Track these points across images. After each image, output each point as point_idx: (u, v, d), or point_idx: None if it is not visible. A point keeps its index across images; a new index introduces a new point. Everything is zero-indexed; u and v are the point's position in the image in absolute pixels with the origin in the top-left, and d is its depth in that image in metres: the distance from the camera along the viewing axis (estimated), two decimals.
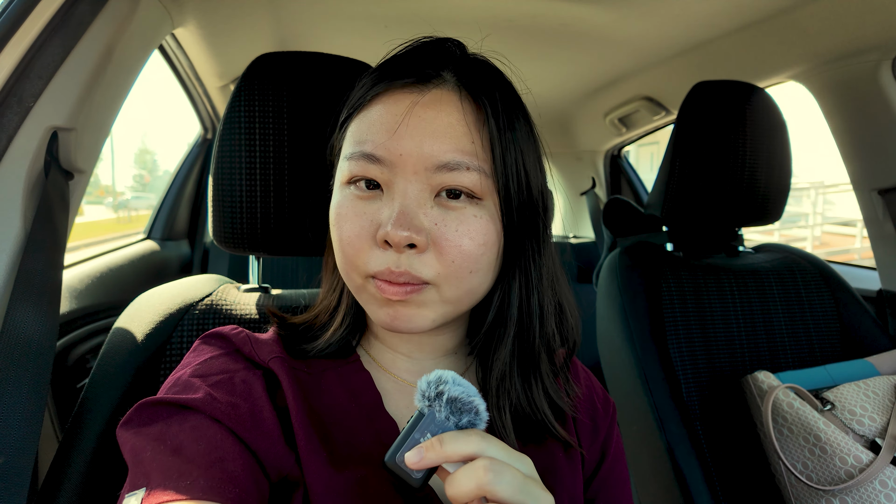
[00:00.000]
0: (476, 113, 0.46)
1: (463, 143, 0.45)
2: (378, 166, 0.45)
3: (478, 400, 0.40)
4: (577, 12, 1.19)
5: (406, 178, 0.45)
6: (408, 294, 0.45)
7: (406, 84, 0.47)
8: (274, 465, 0.44)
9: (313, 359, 0.53)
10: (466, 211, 0.46)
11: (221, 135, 0.67)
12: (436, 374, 0.40)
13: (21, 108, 0.62)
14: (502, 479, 0.35)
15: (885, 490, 0.78)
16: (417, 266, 0.44)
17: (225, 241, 0.69)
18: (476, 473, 0.35)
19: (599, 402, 0.61)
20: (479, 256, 0.46)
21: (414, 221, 0.44)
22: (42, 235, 0.61)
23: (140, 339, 0.64)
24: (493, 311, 0.51)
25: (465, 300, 0.48)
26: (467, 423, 0.39)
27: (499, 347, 0.51)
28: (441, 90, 0.47)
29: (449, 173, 0.45)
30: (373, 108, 0.47)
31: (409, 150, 0.44)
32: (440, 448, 0.36)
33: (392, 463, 0.38)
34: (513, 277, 0.50)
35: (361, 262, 0.46)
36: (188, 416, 0.43)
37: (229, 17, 1.23)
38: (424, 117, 0.45)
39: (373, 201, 0.46)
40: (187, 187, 1.90)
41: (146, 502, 0.36)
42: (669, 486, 0.94)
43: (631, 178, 2.43)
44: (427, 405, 0.39)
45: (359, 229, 0.46)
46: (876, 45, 1.10)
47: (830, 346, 1.10)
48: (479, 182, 0.45)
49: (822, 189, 9.39)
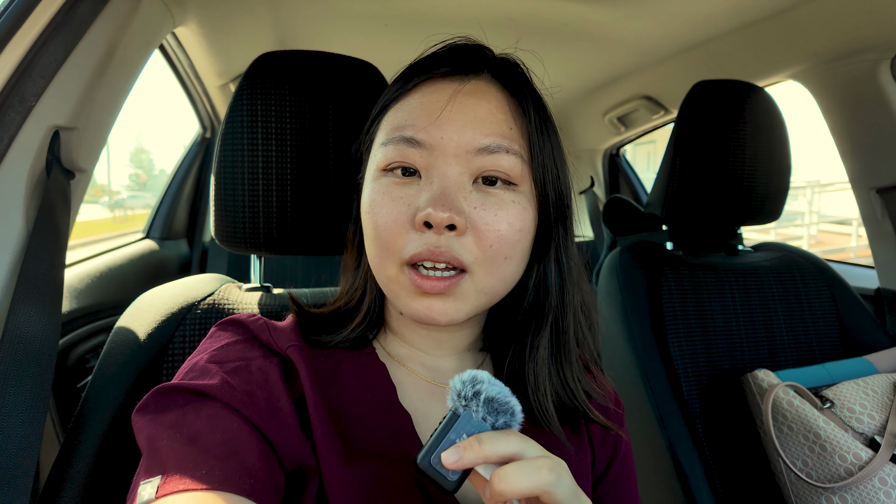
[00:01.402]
0: (513, 105, 0.49)
1: (502, 129, 0.47)
2: (418, 150, 0.46)
3: (514, 401, 0.39)
4: (577, 11, 1.19)
5: (446, 160, 0.46)
6: (446, 287, 0.45)
7: (447, 73, 0.49)
8: (289, 455, 0.44)
9: (329, 349, 0.53)
10: (505, 196, 0.47)
11: (223, 134, 0.67)
12: (470, 374, 0.39)
13: (23, 107, 0.62)
14: (562, 481, 0.35)
15: (884, 487, 0.78)
16: (457, 248, 0.45)
17: (227, 240, 0.68)
18: (539, 472, 0.35)
19: (611, 402, 0.61)
20: (515, 242, 0.47)
21: (455, 203, 0.44)
22: (44, 235, 0.61)
23: (142, 339, 0.63)
24: (529, 296, 0.52)
25: (498, 288, 0.49)
26: (503, 425, 0.38)
27: (538, 334, 0.52)
28: (480, 81, 0.49)
29: (489, 156, 0.46)
30: (412, 97, 0.49)
31: (451, 134, 0.46)
32: (479, 447, 0.36)
33: (426, 465, 0.37)
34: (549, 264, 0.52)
35: (398, 248, 0.46)
36: (205, 405, 0.42)
37: (230, 16, 1.23)
38: (466, 104, 0.47)
39: (409, 186, 0.47)
40: (186, 186, 1.90)
41: (161, 490, 0.37)
42: (670, 483, 0.94)
43: (630, 177, 2.44)
44: (463, 405, 0.38)
45: (396, 214, 0.46)
46: (875, 45, 1.10)
47: (830, 344, 1.10)
48: (517, 166, 0.47)
49: (819, 188, 9.42)
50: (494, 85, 0.49)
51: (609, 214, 1.86)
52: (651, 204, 1.15)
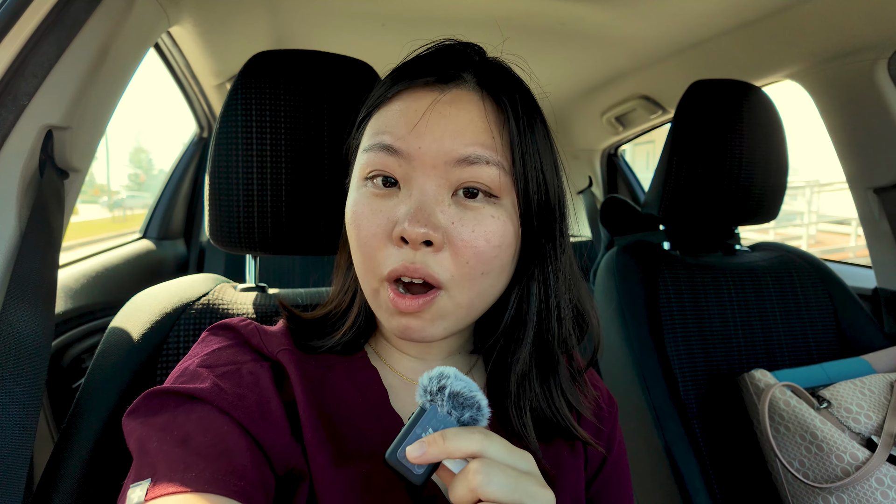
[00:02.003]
0: (496, 112, 0.47)
1: (483, 138, 0.45)
2: (396, 159, 0.45)
3: (479, 395, 0.39)
4: (575, 11, 1.19)
5: (425, 172, 0.45)
6: (421, 307, 0.45)
7: (427, 83, 0.47)
8: (280, 458, 0.44)
9: (321, 354, 0.53)
10: (484, 211, 0.45)
11: (218, 133, 0.67)
12: (437, 370, 0.39)
13: (16, 106, 0.61)
14: (492, 479, 0.34)
15: (881, 487, 0.78)
16: (432, 264, 0.44)
17: (221, 240, 0.68)
18: (467, 478, 0.35)
19: (604, 401, 0.61)
20: (492, 258, 0.46)
21: (431, 218, 0.43)
22: (37, 235, 0.61)
23: (136, 339, 0.63)
24: (510, 310, 0.51)
25: (476, 304, 0.48)
26: (469, 419, 0.39)
27: (518, 349, 0.51)
28: (461, 89, 0.47)
29: (468, 167, 0.44)
30: (393, 104, 0.48)
31: (429, 144, 0.44)
32: (443, 443, 0.36)
33: (393, 459, 0.37)
34: (531, 279, 0.50)
35: (378, 263, 0.46)
36: (195, 407, 0.42)
37: (226, 16, 1.23)
38: (445, 114, 0.45)
39: (389, 199, 0.46)
40: (183, 186, 1.89)
41: (151, 493, 0.36)
42: (667, 483, 0.94)
43: (628, 176, 2.44)
44: (429, 400, 0.39)
45: (375, 227, 0.45)
46: (872, 45, 1.10)
47: (827, 344, 1.10)
48: (497, 178, 0.45)
49: (818, 187, 9.43)
50: (477, 93, 0.47)
51: (606, 214, 1.87)
52: (648, 204, 1.15)
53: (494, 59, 0.51)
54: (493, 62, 0.51)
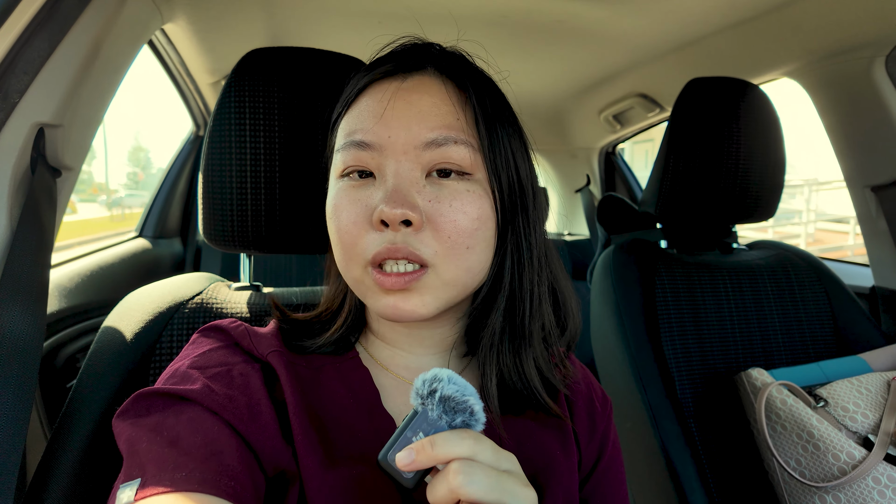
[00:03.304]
0: (459, 94, 0.48)
1: (448, 120, 0.46)
2: (368, 152, 0.46)
3: (473, 400, 0.38)
4: (572, 9, 1.19)
5: (396, 158, 0.46)
6: (407, 283, 0.45)
7: (388, 74, 0.49)
8: (270, 460, 0.44)
9: (312, 354, 0.53)
10: (459, 186, 0.46)
11: (211, 131, 0.66)
12: (432, 373, 0.39)
13: (6, 103, 0.61)
14: (472, 479, 0.34)
15: (877, 486, 0.78)
16: (415, 244, 0.44)
17: (215, 239, 0.68)
18: (446, 478, 0.34)
19: (598, 400, 0.61)
20: (474, 231, 0.46)
21: (408, 198, 0.44)
22: (29, 234, 0.60)
23: (129, 339, 0.63)
24: (486, 282, 0.51)
25: (464, 279, 0.48)
26: (461, 424, 0.38)
27: (490, 313, 0.51)
28: (423, 75, 0.49)
29: (438, 149, 0.46)
30: (359, 102, 0.49)
31: (397, 131, 0.46)
32: (431, 450, 0.36)
33: (385, 462, 0.37)
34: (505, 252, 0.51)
35: (360, 250, 0.46)
36: (185, 408, 0.42)
37: (220, 13, 1.22)
38: (409, 100, 0.47)
39: (366, 188, 0.47)
40: (179, 185, 1.89)
41: (141, 494, 0.36)
42: (663, 482, 0.94)
43: (625, 175, 2.44)
44: (421, 403, 0.38)
45: (354, 216, 0.46)
46: (870, 42, 1.10)
47: (824, 342, 1.10)
48: (468, 156, 0.46)
49: (816, 186, 9.44)
50: (438, 78, 0.48)
51: (603, 212, 1.87)
52: (645, 202, 1.14)
53: (453, 48, 0.52)
54: (453, 52, 0.52)
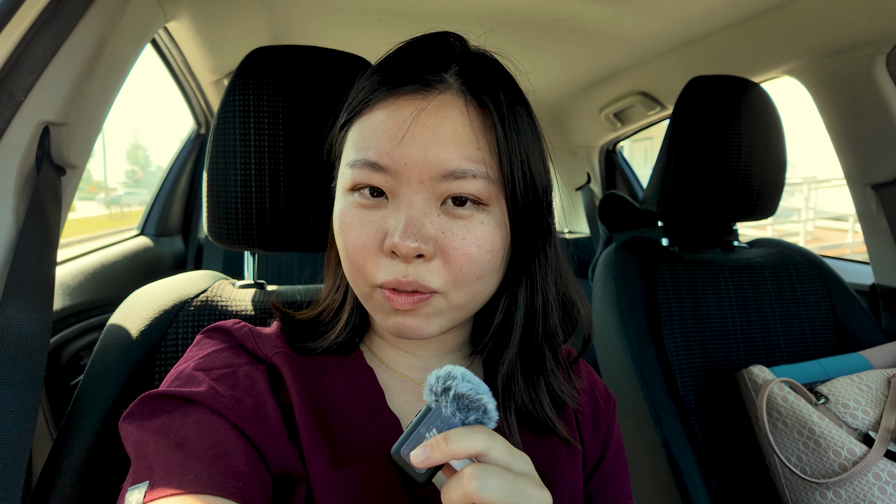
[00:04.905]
0: (481, 117, 0.45)
1: (468, 150, 0.44)
2: (382, 175, 0.44)
3: (487, 398, 0.39)
4: (573, 7, 1.19)
5: (411, 187, 0.44)
6: (416, 304, 0.45)
7: (409, 90, 0.45)
8: (277, 461, 0.44)
9: (316, 355, 0.53)
10: (473, 218, 0.45)
11: (216, 129, 0.66)
12: (445, 370, 0.39)
13: (12, 102, 0.61)
14: (488, 483, 0.34)
15: (878, 483, 0.79)
16: (425, 275, 0.44)
17: (219, 236, 0.68)
18: (461, 482, 0.35)
19: (601, 397, 0.61)
20: (486, 263, 0.46)
21: (421, 231, 0.43)
22: (34, 232, 0.61)
23: (135, 336, 0.63)
24: (500, 314, 0.51)
25: (472, 304, 0.48)
26: (475, 422, 0.38)
27: (505, 350, 0.51)
28: (445, 95, 0.45)
29: (455, 181, 0.44)
30: (375, 114, 0.46)
31: (415, 158, 0.43)
32: (445, 446, 0.36)
33: (398, 456, 0.38)
34: (518, 283, 0.50)
35: (368, 272, 0.46)
36: (191, 410, 0.42)
37: (223, 11, 1.22)
38: (429, 124, 0.44)
39: (377, 210, 0.46)
40: (181, 183, 1.89)
41: (149, 496, 0.36)
42: (665, 479, 0.94)
43: (626, 173, 2.44)
44: (434, 400, 0.38)
45: (365, 238, 0.45)
46: (870, 40, 1.10)
47: (824, 340, 1.10)
48: (485, 189, 0.45)
49: (816, 184, 9.44)
50: (461, 97, 0.45)
51: (605, 211, 1.87)
52: (647, 200, 1.15)
53: (477, 49, 0.50)
54: (475, 54, 0.49)
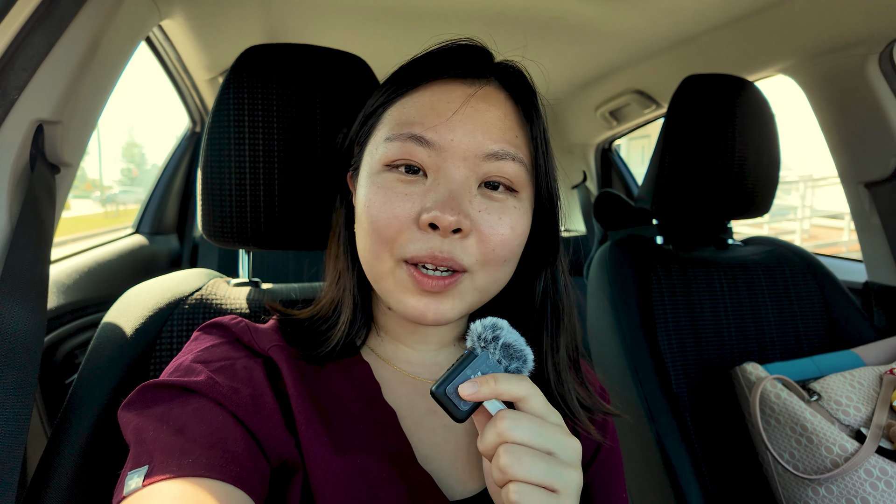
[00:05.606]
0: (517, 112, 0.50)
1: (509, 136, 0.48)
2: (426, 149, 0.46)
3: (528, 350, 0.43)
4: (568, 5, 1.19)
5: (455, 163, 0.46)
6: (446, 287, 0.46)
7: (458, 77, 0.49)
8: (274, 450, 0.45)
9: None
10: (507, 202, 0.48)
11: (210, 128, 0.66)
12: (490, 321, 0.43)
13: (5, 100, 0.61)
14: (519, 424, 0.38)
15: (869, 479, 0.79)
16: (459, 252, 0.45)
17: (214, 234, 0.68)
18: (495, 424, 0.39)
19: (596, 392, 0.61)
20: (515, 246, 0.49)
21: (462, 206, 0.45)
22: (28, 230, 0.61)
23: (129, 335, 0.63)
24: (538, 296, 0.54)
25: (492, 288, 0.50)
26: (515, 370, 0.42)
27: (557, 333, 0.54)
28: (489, 87, 0.50)
29: (496, 162, 0.47)
30: (421, 94, 0.49)
31: (461, 136, 0.46)
32: (494, 385, 0.40)
33: (441, 394, 0.41)
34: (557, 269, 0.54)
35: (398, 244, 0.46)
36: (190, 399, 0.43)
37: (218, 9, 1.22)
38: (478, 108, 0.48)
39: (415, 185, 0.47)
40: (176, 181, 1.88)
41: (149, 480, 0.37)
42: (659, 476, 0.95)
43: (622, 171, 2.44)
44: (482, 346, 0.42)
45: (399, 210, 0.46)
46: (864, 39, 1.10)
47: (817, 337, 1.11)
48: (520, 174, 0.48)
49: (811, 182, 9.47)
50: (503, 92, 0.50)
51: (600, 209, 1.87)
52: (641, 198, 1.15)
53: (511, 62, 0.53)
54: (511, 64, 0.53)
